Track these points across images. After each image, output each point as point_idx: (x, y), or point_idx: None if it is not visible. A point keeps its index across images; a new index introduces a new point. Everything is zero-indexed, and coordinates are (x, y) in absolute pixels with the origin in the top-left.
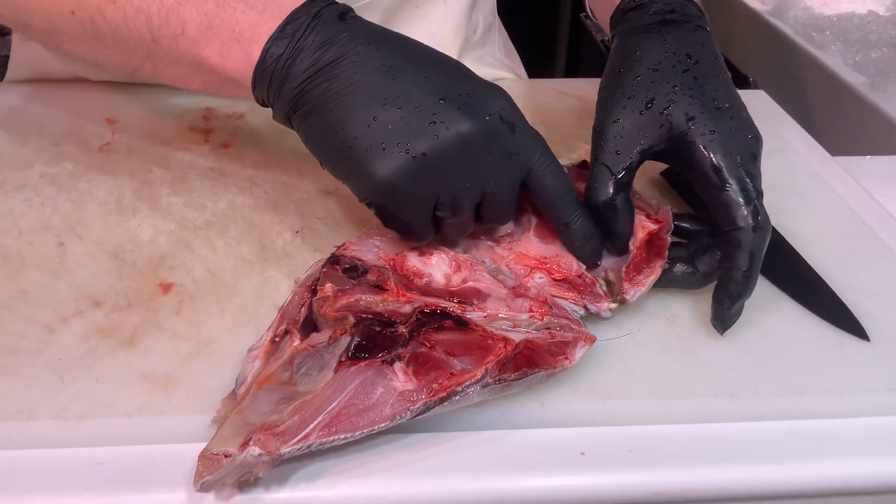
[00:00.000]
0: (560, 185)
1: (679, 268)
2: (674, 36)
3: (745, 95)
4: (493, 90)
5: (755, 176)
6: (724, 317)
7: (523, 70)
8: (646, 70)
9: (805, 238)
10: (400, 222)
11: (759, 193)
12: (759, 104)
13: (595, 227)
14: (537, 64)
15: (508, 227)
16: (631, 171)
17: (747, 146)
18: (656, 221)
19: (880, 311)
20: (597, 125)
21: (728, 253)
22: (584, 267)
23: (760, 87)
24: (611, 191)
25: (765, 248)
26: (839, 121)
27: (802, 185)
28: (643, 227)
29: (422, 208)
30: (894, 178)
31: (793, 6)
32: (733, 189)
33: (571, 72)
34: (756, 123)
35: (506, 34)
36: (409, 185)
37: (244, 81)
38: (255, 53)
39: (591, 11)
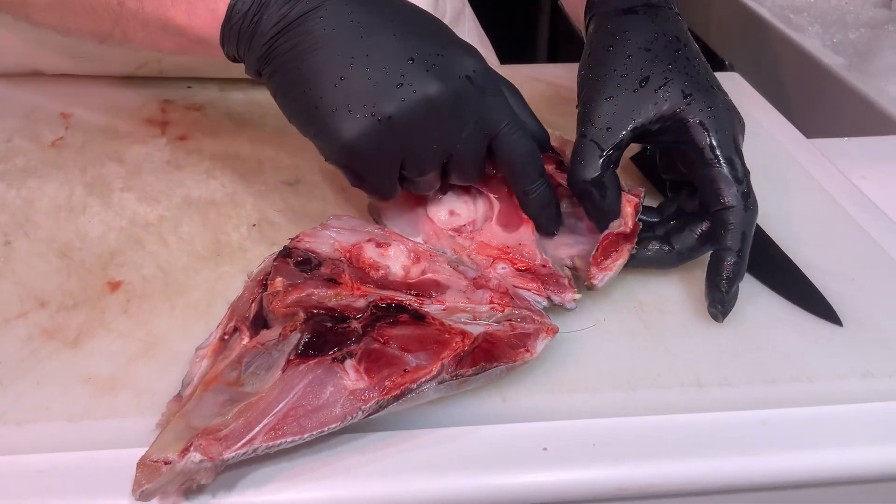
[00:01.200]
0: (524, 152)
1: (653, 246)
2: (661, 18)
3: (720, 78)
4: (465, 50)
5: (742, 157)
6: (722, 300)
7: (495, 58)
8: (637, 49)
9: (778, 221)
10: (365, 183)
11: (748, 173)
12: (733, 87)
13: (554, 197)
14: (517, 52)
15: (470, 215)
16: (620, 148)
17: (737, 127)
18: (635, 194)
19: (854, 295)
20: (586, 102)
21: (718, 234)
22: (550, 261)
23: (737, 71)
24: (600, 167)
25: (753, 230)
26: (818, 103)
27: (777, 168)
28: (628, 199)
29: (387, 170)
30: (872, 160)
31: None
32: (726, 167)
33: (552, 60)
34: None
35: (477, 22)
36: (375, 148)
37: (212, 39)
38: (222, 11)
39: None
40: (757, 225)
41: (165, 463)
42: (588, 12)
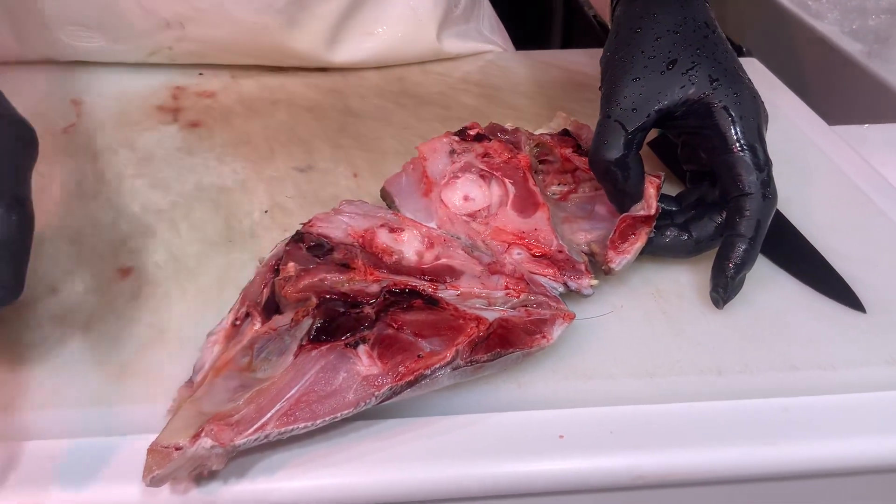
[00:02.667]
0: None
1: (671, 233)
2: (689, 3)
3: None
4: None
5: (764, 145)
6: (726, 285)
7: (510, 45)
8: (666, 31)
9: (800, 206)
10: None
11: (770, 163)
12: (752, 72)
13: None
14: (532, 38)
15: (485, 200)
16: (644, 130)
17: (761, 115)
18: (656, 175)
19: (878, 281)
20: (611, 83)
21: (732, 220)
22: (567, 246)
23: (755, 57)
24: (622, 147)
25: (770, 220)
26: (836, 89)
27: (798, 154)
28: (650, 181)
29: None
30: (892, 147)
31: None
32: (748, 154)
33: (566, 46)
34: None
35: (492, 10)
36: None
37: None
38: None
39: None
40: (778, 210)
41: (176, 449)
42: None
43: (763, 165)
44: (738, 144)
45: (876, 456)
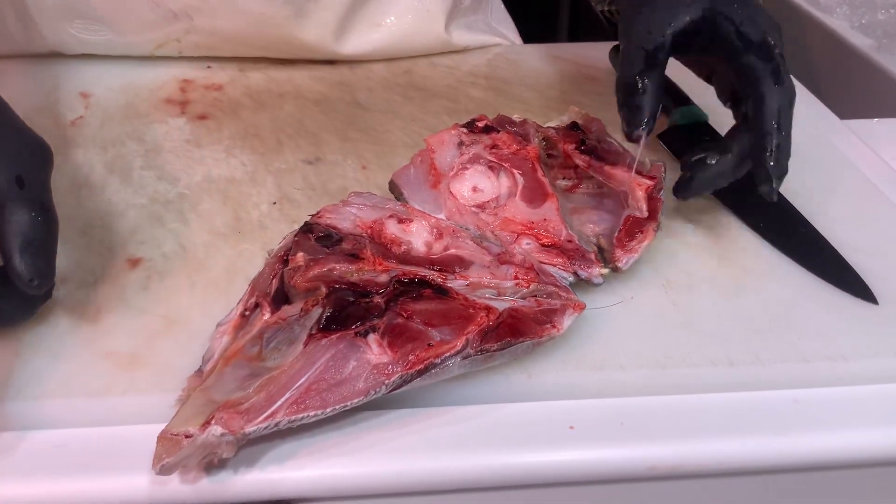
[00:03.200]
0: None
1: (712, 157)
2: None
3: None
4: None
5: (780, 45)
6: (768, 176)
7: (518, 38)
8: None
9: (812, 200)
10: None
11: (782, 57)
12: None
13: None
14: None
15: (493, 191)
16: (662, 49)
17: (771, 21)
18: (650, 177)
19: (889, 273)
20: (626, 13)
21: (756, 116)
22: (576, 236)
23: None
24: (643, 63)
25: (792, 112)
26: (847, 84)
27: (809, 148)
28: (639, 183)
29: None
30: None
31: None
32: (754, 50)
33: (573, 40)
34: None
35: (500, 3)
36: None
37: None
38: None
39: None
40: (789, 203)
41: (186, 436)
42: None
43: (771, 57)
44: (747, 44)
45: (887, 448)
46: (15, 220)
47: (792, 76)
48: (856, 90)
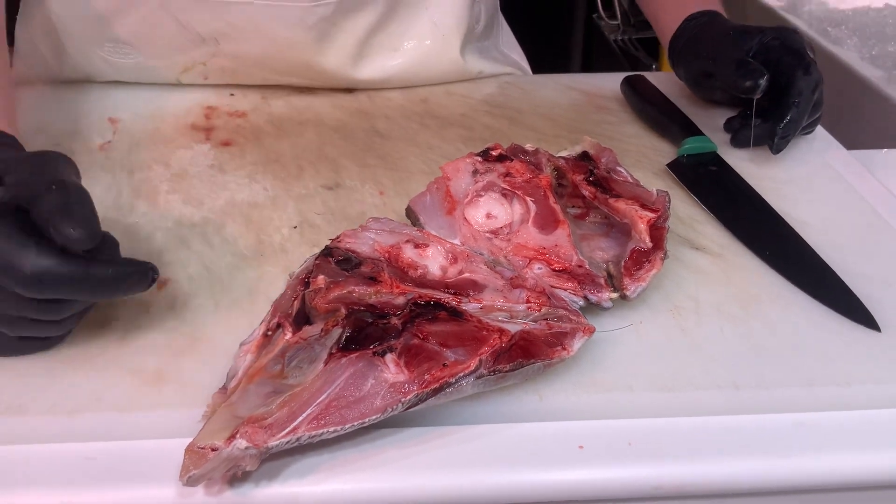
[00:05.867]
0: None
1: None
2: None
3: None
4: None
5: (812, 55)
6: (778, 133)
7: (527, 66)
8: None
9: (817, 229)
10: None
11: (815, 61)
12: None
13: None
14: (551, 62)
15: (507, 218)
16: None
17: (804, 41)
18: (653, 210)
19: (891, 301)
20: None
21: (785, 90)
22: (586, 261)
23: None
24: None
25: (816, 91)
26: (857, 115)
27: (816, 177)
28: (640, 216)
29: None
30: None
31: (808, 1)
32: (796, 56)
33: (585, 70)
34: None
35: (509, 30)
36: None
37: None
38: None
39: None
40: (795, 232)
41: (212, 449)
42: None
43: (804, 57)
44: (786, 53)
45: (888, 471)
46: (47, 200)
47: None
48: (866, 120)
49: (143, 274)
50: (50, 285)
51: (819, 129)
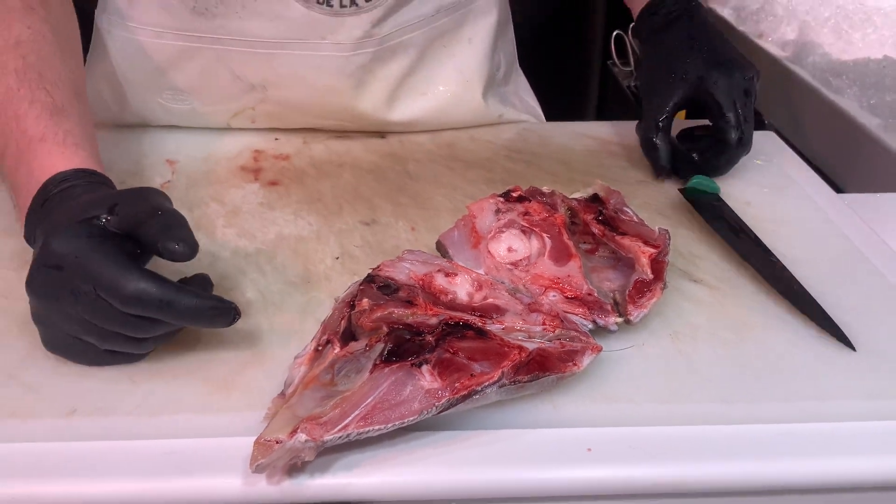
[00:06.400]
0: None
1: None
2: (678, 28)
3: (756, 136)
4: None
5: (747, 105)
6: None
7: (539, 107)
8: (667, 54)
9: (804, 264)
10: None
11: (747, 119)
12: (768, 143)
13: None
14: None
15: (525, 251)
16: (669, 118)
17: (741, 85)
18: (654, 246)
19: (867, 327)
20: (644, 93)
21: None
22: (595, 290)
23: (779, 128)
24: (655, 131)
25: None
26: (855, 161)
27: (805, 219)
28: (643, 251)
29: None
30: None
31: (811, 52)
32: (730, 116)
33: (601, 117)
34: (763, 161)
35: (525, 78)
36: None
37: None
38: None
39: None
40: (784, 266)
41: (277, 442)
42: (635, 35)
43: (740, 121)
44: (722, 111)
45: (859, 475)
46: (153, 224)
47: (797, 148)
48: (864, 167)
49: (227, 312)
50: (145, 304)
51: (809, 172)
